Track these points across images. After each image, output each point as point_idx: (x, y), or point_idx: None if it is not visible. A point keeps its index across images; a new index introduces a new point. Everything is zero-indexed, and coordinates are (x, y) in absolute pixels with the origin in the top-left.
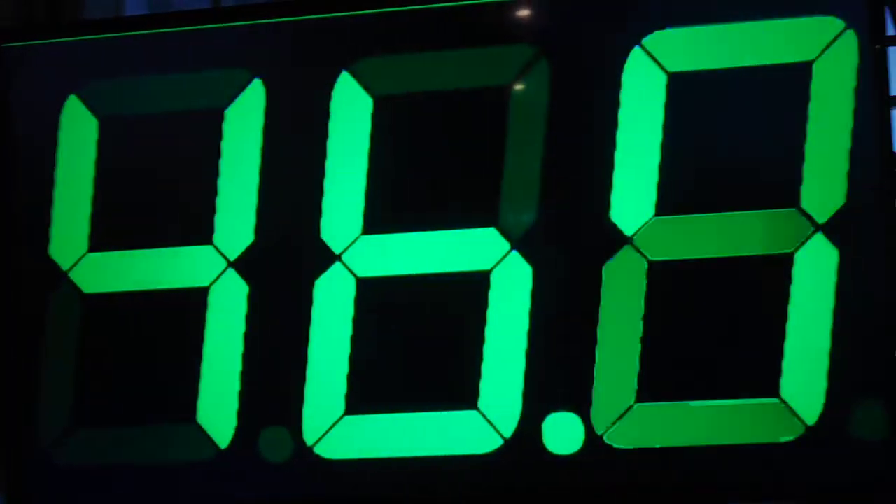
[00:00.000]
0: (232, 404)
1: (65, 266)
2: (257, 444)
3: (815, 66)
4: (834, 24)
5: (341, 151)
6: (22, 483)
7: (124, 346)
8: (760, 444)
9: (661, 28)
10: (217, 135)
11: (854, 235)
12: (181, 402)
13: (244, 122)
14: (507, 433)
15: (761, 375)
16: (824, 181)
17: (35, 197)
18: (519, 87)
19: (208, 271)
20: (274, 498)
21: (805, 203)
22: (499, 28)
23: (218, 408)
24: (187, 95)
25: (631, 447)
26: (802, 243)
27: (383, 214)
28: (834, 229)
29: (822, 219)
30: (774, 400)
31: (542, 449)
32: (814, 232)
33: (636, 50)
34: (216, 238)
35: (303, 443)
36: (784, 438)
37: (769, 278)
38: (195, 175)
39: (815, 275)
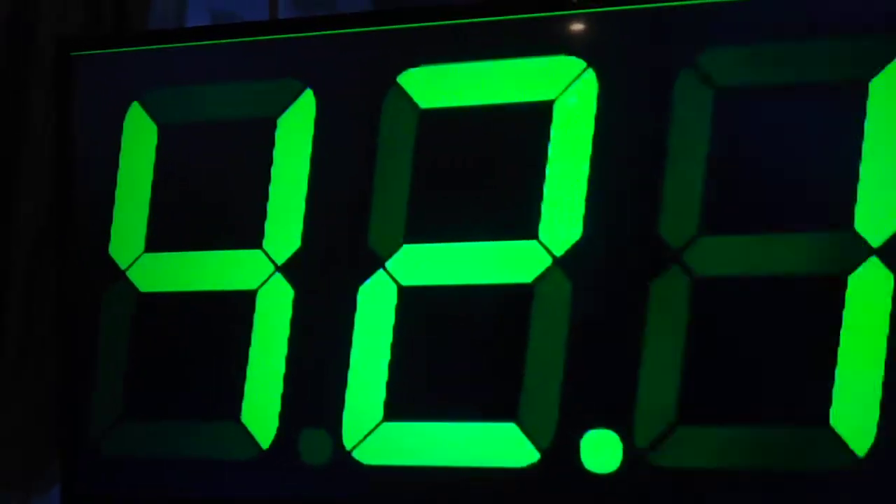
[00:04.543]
0: (275, 405)
1: (123, 265)
2: (297, 446)
3: (871, 85)
4: (892, 42)
5: (389, 161)
6: (74, 473)
7: (174, 344)
8: (807, 474)
9: (713, 45)
10: (269, 143)
11: None
12: (226, 401)
13: (295, 131)
14: (545, 447)
15: (810, 402)
16: (880, 203)
17: (98, 198)
18: (566, 99)
19: (257, 275)
20: (311, 500)
21: (859, 225)
22: (547, 41)
23: (261, 408)
24: (241, 104)
25: (671, 467)
26: (856, 266)
27: (427, 224)
28: (889, 253)
29: (877, 242)
30: (824, 428)
31: (580, 466)
32: (868, 255)
33: (686, 65)
34: (265, 243)
35: (342, 447)
36: (833, 469)
37: (820, 301)
38: (247, 181)
39: (868, 300)
